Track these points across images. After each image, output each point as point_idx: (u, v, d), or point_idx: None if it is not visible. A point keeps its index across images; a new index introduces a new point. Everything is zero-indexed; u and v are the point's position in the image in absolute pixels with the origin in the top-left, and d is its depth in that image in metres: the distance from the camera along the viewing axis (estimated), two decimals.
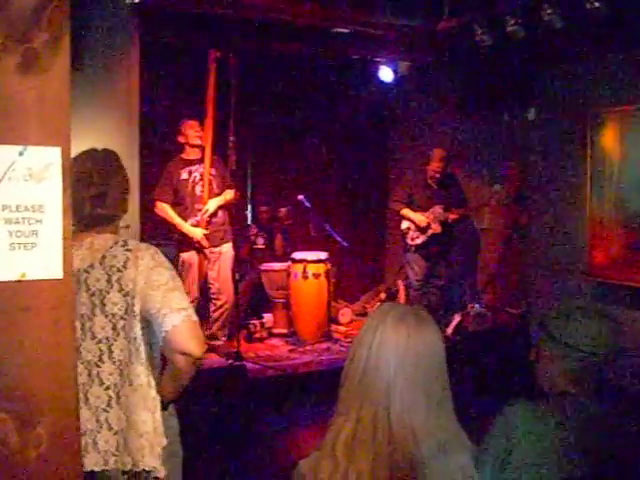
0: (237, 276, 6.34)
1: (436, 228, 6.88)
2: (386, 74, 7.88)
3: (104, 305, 2.30)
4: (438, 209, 6.89)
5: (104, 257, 2.34)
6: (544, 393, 2.23)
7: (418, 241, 6.95)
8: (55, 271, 1.59)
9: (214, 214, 6.13)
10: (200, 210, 6.05)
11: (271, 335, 7.19)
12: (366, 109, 8.32)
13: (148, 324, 2.31)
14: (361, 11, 6.19)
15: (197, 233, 6.02)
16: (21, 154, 1.54)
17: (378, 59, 7.62)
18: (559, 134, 6.69)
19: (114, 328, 2.30)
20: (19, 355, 1.56)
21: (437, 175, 6.93)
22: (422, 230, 6.91)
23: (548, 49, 6.26)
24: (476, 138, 7.55)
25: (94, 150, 2.49)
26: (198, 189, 6.11)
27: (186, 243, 6.11)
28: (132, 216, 4.94)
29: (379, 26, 6.37)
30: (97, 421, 2.29)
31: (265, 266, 7.33)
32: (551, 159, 6.80)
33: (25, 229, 1.56)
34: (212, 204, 6.08)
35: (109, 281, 2.31)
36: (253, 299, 7.38)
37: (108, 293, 2.30)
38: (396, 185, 7.75)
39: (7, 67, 1.52)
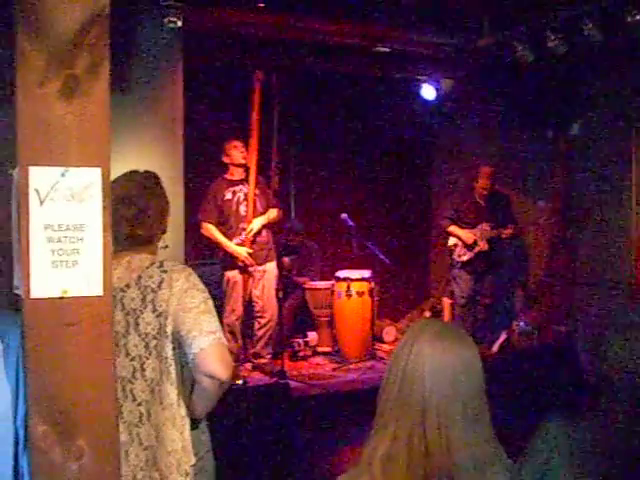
0: (281, 294, 6.38)
1: (483, 245, 6.87)
2: (428, 92, 7.90)
3: (138, 324, 2.35)
4: (485, 226, 6.89)
5: (140, 277, 2.37)
6: (586, 409, 2.20)
7: (465, 258, 6.95)
8: (96, 288, 1.64)
9: (258, 233, 6.18)
10: (244, 229, 6.11)
11: (315, 353, 7.20)
12: (409, 127, 8.32)
13: (180, 344, 2.34)
14: (402, 30, 6.24)
15: (242, 252, 6.07)
16: (63, 175, 1.60)
17: (420, 77, 7.64)
18: (604, 149, 6.61)
19: (147, 347, 2.34)
20: (61, 369, 1.61)
21: (485, 192, 6.93)
22: (469, 247, 6.90)
23: (590, 63, 6.22)
24: (520, 154, 7.50)
25: (134, 171, 2.54)
26: (242, 209, 6.17)
27: (231, 262, 6.17)
28: (177, 236, 5.03)
29: (420, 44, 6.41)
30: (129, 434, 2.33)
31: (309, 284, 7.36)
32: (596, 174, 6.72)
33: (67, 247, 1.61)
34: (256, 223, 6.14)
35: (143, 301, 2.35)
36: (297, 317, 7.41)
37: (142, 313, 2.34)
38: (443, 202, 7.75)
39: (49, 92, 1.58)
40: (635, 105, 6.17)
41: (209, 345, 2.26)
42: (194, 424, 2.44)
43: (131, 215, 2.42)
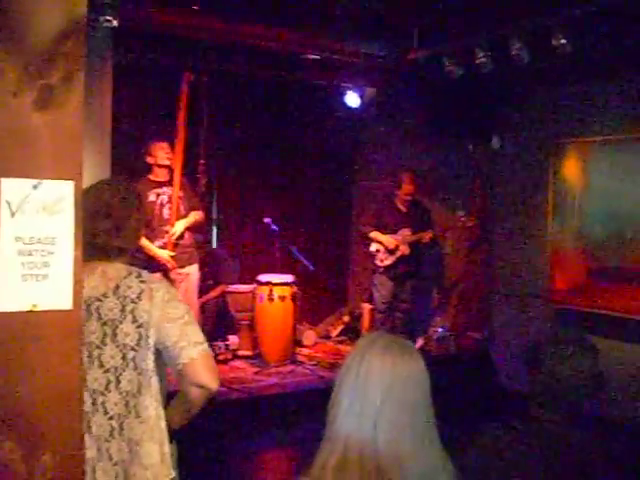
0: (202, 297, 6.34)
1: (404, 250, 7.00)
2: (352, 99, 7.99)
3: (115, 335, 2.29)
4: (406, 231, 7.04)
5: (118, 287, 2.32)
6: (514, 419, 2.27)
7: (387, 262, 7.06)
8: (65, 302, 1.61)
9: (181, 236, 6.12)
10: (167, 232, 6.02)
11: (235, 357, 7.18)
12: (333, 133, 8.41)
13: (159, 356, 2.31)
14: (331, 38, 6.29)
15: (164, 255, 5.99)
16: (35, 187, 1.57)
17: (346, 85, 7.73)
18: (523, 163, 6.86)
19: (124, 358, 2.29)
20: (28, 384, 1.58)
21: (408, 197, 7.07)
22: (391, 252, 7.03)
23: (513, 81, 6.43)
24: (440, 165, 7.69)
25: (109, 181, 2.49)
26: (166, 212, 6.08)
27: (152, 264, 6.06)
28: None
29: (348, 53, 6.47)
30: (98, 450, 2.27)
31: (230, 288, 7.33)
32: (514, 187, 6.97)
33: (37, 261, 1.58)
34: (179, 226, 6.06)
35: (123, 311, 2.30)
36: (218, 320, 7.36)
37: (121, 323, 2.29)
38: (365, 209, 7.86)
39: (23, 103, 1.55)
40: (554, 122, 6.43)
41: (198, 355, 2.25)
42: (170, 437, 2.39)
43: (110, 227, 2.35)
